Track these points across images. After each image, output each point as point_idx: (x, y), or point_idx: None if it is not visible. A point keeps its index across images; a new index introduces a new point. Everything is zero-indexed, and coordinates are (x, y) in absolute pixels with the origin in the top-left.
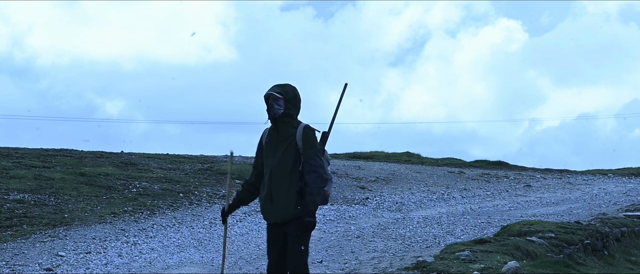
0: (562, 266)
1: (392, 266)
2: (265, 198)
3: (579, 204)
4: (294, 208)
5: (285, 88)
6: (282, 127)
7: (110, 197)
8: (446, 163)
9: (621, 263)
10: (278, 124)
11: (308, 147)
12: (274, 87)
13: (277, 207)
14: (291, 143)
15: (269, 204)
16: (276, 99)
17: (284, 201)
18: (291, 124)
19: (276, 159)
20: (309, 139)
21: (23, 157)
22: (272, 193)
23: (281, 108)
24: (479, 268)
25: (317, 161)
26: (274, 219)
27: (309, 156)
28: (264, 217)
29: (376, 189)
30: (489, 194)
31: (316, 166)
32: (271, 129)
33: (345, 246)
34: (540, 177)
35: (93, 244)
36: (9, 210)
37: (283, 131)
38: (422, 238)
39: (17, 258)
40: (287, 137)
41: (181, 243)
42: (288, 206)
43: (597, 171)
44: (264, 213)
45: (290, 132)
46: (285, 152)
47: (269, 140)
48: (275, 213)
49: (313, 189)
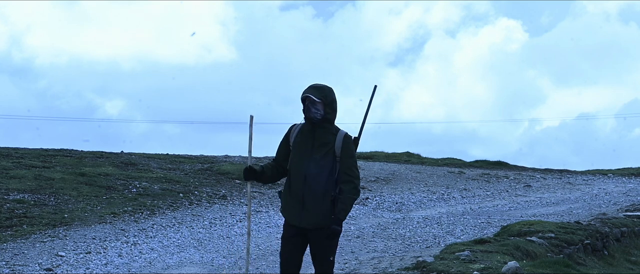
0: (562, 266)
1: (392, 266)
2: (295, 202)
3: (579, 204)
4: (327, 216)
5: (324, 91)
6: (321, 132)
7: (110, 197)
8: (446, 163)
9: (621, 263)
10: (316, 129)
11: (348, 157)
12: (312, 91)
13: (310, 213)
14: (330, 150)
15: (299, 208)
16: (314, 102)
17: (319, 208)
18: (330, 130)
19: (313, 165)
20: (350, 149)
21: (23, 157)
22: (304, 198)
23: (320, 112)
24: (479, 268)
25: (355, 171)
26: (305, 224)
27: (347, 165)
28: (289, 220)
29: (376, 189)
30: (489, 194)
31: (353, 177)
32: (305, 131)
33: (345, 246)
34: (540, 178)
35: (93, 244)
36: (9, 210)
37: (321, 136)
38: (422, 238)
39: (17, 258)
40: (325, 144)
41: (181, 243)
42: (321, 213)
43: (597, 171)
44: (290, 215)
45: (329, 138)
46: (323, 158)
47: (302, 141)
48: (307, 218)
49: (347, 199)
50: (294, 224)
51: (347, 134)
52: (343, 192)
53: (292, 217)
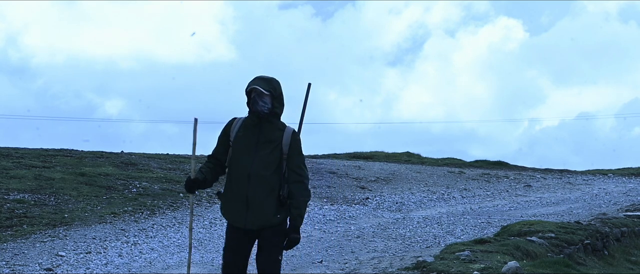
0: (562, 266)
1: (392, 266)
2: (238, 203)
3: (579, 204)
4: (273, 215)
5: (272, 84)
6: (267, 127)
7: (110, 197)
8: (446, 163)
9: (621, 263)
10: (262, 124)
11: (296, 155)
12: (259, 82)
13: (255, 213)
14: (277, 147)
15: (242, 209)
16: (261, 95)
17: (264, 207)
18: (277, 125)
19: (257, 162)
20: (298, 146)
21: (23, 157)
22: (249, 198)
23: (267, 105)
24: (479, 268)
25: (304, 170)
26: (251, 226)
27: (296, 164)
28: (232, 222)
29: (376, 189)
30: (489, 194)
31: (303, 177)
32: (249, 125)
33: (345, 246)
34: (540, 177)
35: (93, 244)
36: (9, 210)
37: (268, 131)
38: (422, 238)
39: (17, 258)
40: (272, 140)
41: (181, 243)
42: (268, 213)
43: (597, 171)
44: (234, 217)
45: (276, 134)
46: (269, 155)
47: (245, 136)
48: (252, 219)
49: (301, 203)
50: (239, 226)
51: (295, 130)
52: (294, 195)
53: (236, 219)
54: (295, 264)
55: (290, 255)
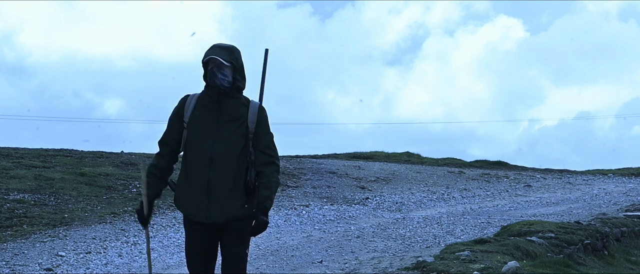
0: (562, 266)
1: (392, 266)
2: (198, 193)
3: (579, 204)
4: (241, 205)
5: (234, 54)
6: (230, 103)
7: (110, 197)
8: (446, 163)
9: (621, 263)
10: (223, 100)
11: (265, 133)
12: (218, 51)
13: (218, 204)
14: (242, 125)
15: (204, 200)
16: (221, 67)
17: (229, 196)
18: (241, 100)
19: (219, 143)
20: (267, 123)
21: (23, 157)
22: (211, 186)
23: (227, 78)
24: (479, 268)
25: (274, 151)
26: (215, 218)
27: (264, 143)
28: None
29: (376, 189)
30: (489, 194)
31: (274, 157)
32: (207, 102)
33: (345, 246)
34: (540, 177)
35: (93, 244)
36: (9, 210)
37: (230, 108)
38: (422, 238)
39: (17, 258)
40: (236, 118)
41: (181, 243)
42: (234, 203)
43: (597, 171)
44: (194, 210)
45: (240, 111)
46: (233, 135)
47: (204, 115)
48: (215, 210)
49: (271, 183)
50: (200, 220)
51: (261, 105)
52: (265, 175)
53: (196, 212)
54: (295, 264)
55: (290, 255)
